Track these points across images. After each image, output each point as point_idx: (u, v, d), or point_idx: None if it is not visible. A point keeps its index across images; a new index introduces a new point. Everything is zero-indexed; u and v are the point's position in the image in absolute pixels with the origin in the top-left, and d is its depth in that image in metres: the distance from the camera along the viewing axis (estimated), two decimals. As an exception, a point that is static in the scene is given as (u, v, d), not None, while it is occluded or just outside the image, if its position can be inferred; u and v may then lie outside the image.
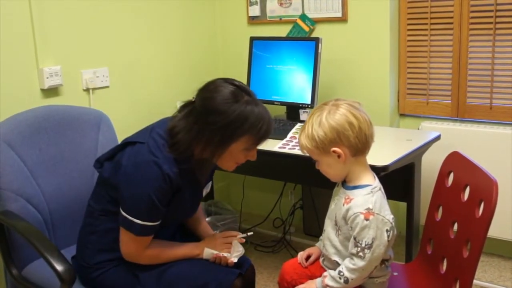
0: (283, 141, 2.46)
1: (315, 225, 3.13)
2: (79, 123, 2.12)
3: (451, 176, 1.87)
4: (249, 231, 1.92)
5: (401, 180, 2.36)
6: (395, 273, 1.85)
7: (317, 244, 1.84)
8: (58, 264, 1.59)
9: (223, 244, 1.81)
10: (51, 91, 2.47)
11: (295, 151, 2.31)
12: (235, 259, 1.77)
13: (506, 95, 2.66)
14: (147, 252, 1.72)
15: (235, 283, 1.73)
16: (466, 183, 1.75)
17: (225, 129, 1.60)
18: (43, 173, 2.00)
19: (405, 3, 2.84)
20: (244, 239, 1.84)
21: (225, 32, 3.38)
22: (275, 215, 3.28)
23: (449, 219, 1.81)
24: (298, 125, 2.61)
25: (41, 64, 2.41)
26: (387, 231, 1.58)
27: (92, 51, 2.64)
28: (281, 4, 3.11)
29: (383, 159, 2.07)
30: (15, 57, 2.33)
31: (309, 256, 1.84)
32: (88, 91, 2.63)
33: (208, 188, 1.90)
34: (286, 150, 2.35)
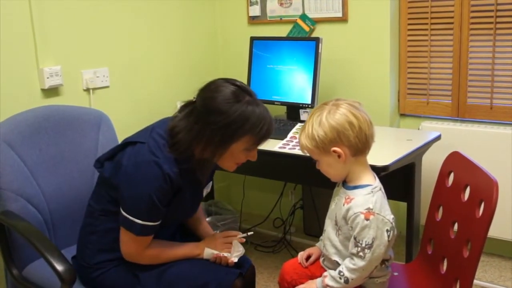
0: (284, 141, 2.45)
1: (315, 225, 3.13)
2: (79, 123, 2.12)
3: (451, 176, 1.87)
4: (249, 231, 1.91)
5: (401, 180, 2.36)
6: (396, 273, 1.85)
7: (317, 244, 1.84)
8: (58, 264, 1.59)
9: (223, 244, 1.81)
10: (51, 91, 2.47)
11: (296, 151, 2.30)
12: (235, 259, 1.76)
13: (507, 95, 2.66)
14: (147, 252, 1.72)
15: (235, 283, 1.73)
16: (466, 183, 1.75)
17: (225, 129, 1.60)
18: (43, 173, 2.00)
19: (405, 3, 2.83)
20: (244, 238, 1.84)
21: (225, 32, 3.38)
22: (275, 215, 3.28)
23: (449, 219, 1.81)
24: (299, 125, 2.61)
25: (41, 64, 2.41)
26: (387, 231, 1.58)
27: (93, 51, 2.64)
28: (281, 4, 3.11)
29: (384, 159, 2.07)
30: (15, 57, 2.33)
31: (309, 256, 1.84)
32: (88, 91, 2.63)
33: (208, 188, 1.90)
34: (287, 150, 2.35)
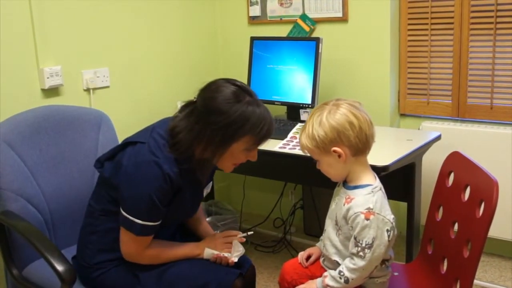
0: (284, 141, 2.45)
1: (315, 225, 3.13)
2: (79, 123, 2.12)
3: (451, 176, 1.87)
4: (250, 231, 1.91)
5: (401, 180, 2.36)
6: (396, 273, 1.85)
7: (317, 244, 1.84)
8: (58, 264, 1.59)
9: (224, 244, 1.81)
10: (51, 91, 2.47)
11: (296, 151, 2.30)
12: (235, 258, 1.76)
13: (507, 95, 2.65)
14: (147, 252, 1.72)
15: (235, 283, 1.73)
16: (466, 183, 1.75)
17: (226, 129, 1.60)
18: (44, 173, 2.00)
19: (405, 3, 2.83)
20: (244, 238, 1.84)
21: (226, 32, 3.38)
22: (275, 215, 3.28)
23: (449, 219, 1.81)
24: (299, 125, 2.61)
25: (41, 64, 2.41)
26: (387, 231, 1.58)
27: (93, 51, 2.64)
28: (281, 4, 3.11)
29: (384, 159, 2.07)
30: (15, 57, 2.33)
31: (309, 256, 1.84)
32: (88, 91, 2.63)
33: (208, 188, 1.90)
34: (287, 150, 2.35)
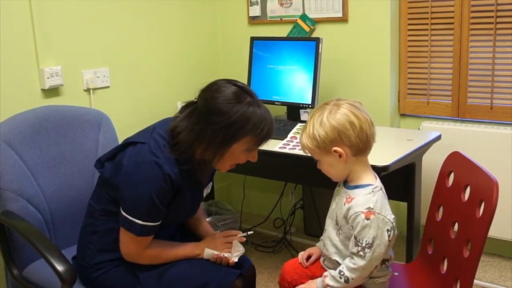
0: (284, 141, 2.45)
1: (315, 225, 3.13)
2: (79, 123, 2.12)
3: (451, 176, 1.87)
4: (250, 231, 1.91)
5: (401, 180, 2.36)
6: (396, 273, 1.85)
7: (317, 244, 1.84)
8: (58, 264, 1.59)
9: (224, 244, 1.81)
10: (51, 91, 2.47)
11: (296, 151, 2.31)
12: (235, 258, 1.76)
13: (507, 95, 2.65)
14: (147, 252, 1.72)
15: (235, 283, 1.73)
16: (466, 183, 1.75)
17: (227, 129, 1.60)
18: (44, 173, 2.00)
19: (405, 3, 2.83)
20: (244, 238, 1.84)
21: (226, 32, 3.38)
22: (275, 215, 3.28)
23: (449, 219, 1.81)
24: (299, 125, 2.61)
25: (41, 64, 2.41)
26: (387, 230, 1.58)
27: (93, 51, 2.64)
28: (281, 4, 3.11)
29: (384, 159, 2.07)
30: (15, 57, 2.33)
31: (309, 256, 1.84)
32: (88, 91, 2.63)
33: (209, 189, 1.90)
34: (287, 150, 2.35)
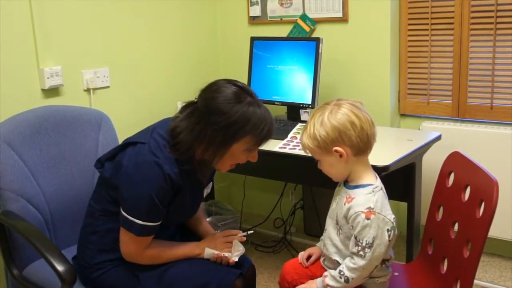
0: (284, 141, 2.45)
1: (315, 225, 3.13)
2: (79, 123, 2.12)
3: (451, 176, 1.87)
4: (250, 230, 1.91)
5: (401, 180, 2.36)
6: (396, 273, 1.85)
7: (317, 244, 1.84)
8: (59, 265, 1.59)
9: (224, 244, 1.81)
10: (51, 91, 2.47)
11: (296, 151, 2.31)
12: (236, 258, 1.76)
13: (507, 95, 2.65)
14: (147, 252, 1.72)
15: (235, 283, 1.73)
16: (466, 183, 1.75)
17: (227, 129, 1.60)
18: (44, 173, 2.00)
19: (405, 3, 2.83)
20: (244, 237, 1.84)
21: (226, 32, 3.38)
22: (275, 215, 3.28)
23: (449, 219, 1.81)
24: (299, 125, 2.61)
25: (41, 64, 2.41)
26: (388, 230, 1.58)
27: (93, 51, 2.64)
28: (281, 4, 3.11)
29: (384, 159, 2.07)
30: (15, 57, 2.33)
31: (309, 256, 1.84)
32: (88, 91, 2.63)
33: (209, 189, 1.90)
34: (287, 150, 2.35)
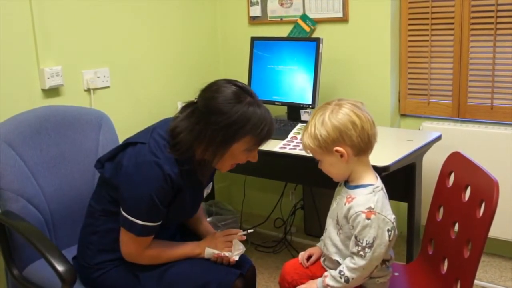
0: (284, 141, 2.45)
1: (316, 225, 3.13)
2: (80, 124, 2.12)
3: (452, 176, 1.87)
4: (250, 229, 1.91)
5: (402, 180, 2.36)
6: (396, 273, 1.85)
7: (318, 244, 1.84)
8: (59, 265, 1.59)
9: (224, 243, 1.81)
10: (52, 91, 2.47)
11: (296, 151, 2.31)
12: (236, 257, 1.76)
13: (507, 95, 2.65)
14: (147, 252, 1.72)
15: (236, 284, 1.73)
16: (467, 183, 1.75)
17: (227, 129, 1.60)
18: (44, 173, 2.00)
19: (406, 4, 2.83)
20: (245, 236, 1.84)
21: (226, 32, 3.38)
22: (276, 215, 3.28)
23: (450, 219, 1.81)
24: (299, 125, 2.61)
25: (42, 64, 2.41)
26: (388, 230, 1.58)
27: (93, 51, 2.64)
28: (282, 5, 3.11)
29: (384, 160, 2.07)
30: (16, 57, 2.33)
31: (310, 256, 1.84)
32: (89, 91, 2.63)
33: (209, 189, 1.90)
34: (287, 151, 2.35)
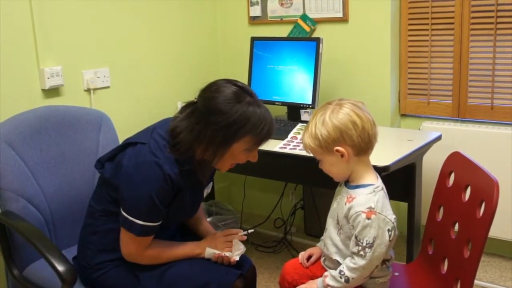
0: (284, 141, 2.45)
1: (316, 225, 3.13)
2: (80, 124, 2.12)
3: (452, 176, 1.87)
4: (250, 229, 1.91)
5: (402, 180, 2.36)
6: (396, 273, 1.85)
7: (318, 244, 1.85)
8: (59, 265, 1.59)
9: (224, 243, 1.81)
10: (52, 92, 2.47)
11: (296, 151, 2.31)
12: (237, 257, 1.77)
13: (507, 95, 2.65)
14: (147, 252, 1.72)
15: (236, 284, 1.73)
16: (467, 183, 1.75)
17: (227, 129, 1.60)
18: (44, 174, 2.00)
19: (406, 3, 2.83)
20: (245, 236, 1.84)
21: (226, 32, 3.38)
22: (276, 215, 3.28)
23: (450, 219, 1.81)
24: (299, 125, 2.61)
25: (42, 64, 2.41)
26: (388, 230, 1.58)
27: (93, 52, 2.64)
28: (282, 4, 3.11)
29: (384, 159, 2.07)
30: (16, 57, 2.33)
31: (310, 256, 1.84)
32: (89, 91, 2.63)
33: (209, 189, 1.90)
34: (287, 151, 2.35)
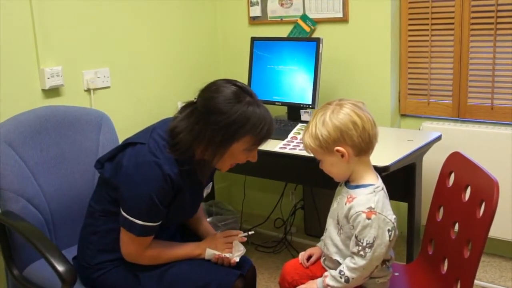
0: (284, 141, 2.45)
1: (316, 225, 3.13)
2: (80, 124, 2.12)
3: (452, 176, 1.87)
4: (250, 231, 1.91)
5: (402, 181, 2.36)
6: (396, 274, 1.85)
7: (318, 244, 1.85)
8: (59, 265, 1.59)
9: (224, 244, 1.81)
10: (52, 92, 2.47)
11: (296, 152, 2.31)
12: (237, 258, 1.77)
13: (507, 95, 2.65)
14: (147, 252, 1.72)
15: (236, 284, 1.73)
16: (467, 183, 1.75)
17: (226, 129, 1.60)
18: (44, 174, 2.00)
19: (406, 4, 2.83)
20: (245, 237, 1.84)
21: (226, 33, 3.38)
22: (276, 215, 3.28)
23: (450, 219, 1.81)
24: (299, 125, 2.61)
25: (42, 64, 2.41)
26: (388, 230, 1.58)
27: (93, 52, 2.64)
28: (282, 5, 3.11)
29: (384, 160, 2.07)
30: (16, 57, 2.33)
31: (310, 256, 1.84)
32: (89, 92, 2.63)
33: (209, 189, 1.90)
34: (287, 151, 2.35)
